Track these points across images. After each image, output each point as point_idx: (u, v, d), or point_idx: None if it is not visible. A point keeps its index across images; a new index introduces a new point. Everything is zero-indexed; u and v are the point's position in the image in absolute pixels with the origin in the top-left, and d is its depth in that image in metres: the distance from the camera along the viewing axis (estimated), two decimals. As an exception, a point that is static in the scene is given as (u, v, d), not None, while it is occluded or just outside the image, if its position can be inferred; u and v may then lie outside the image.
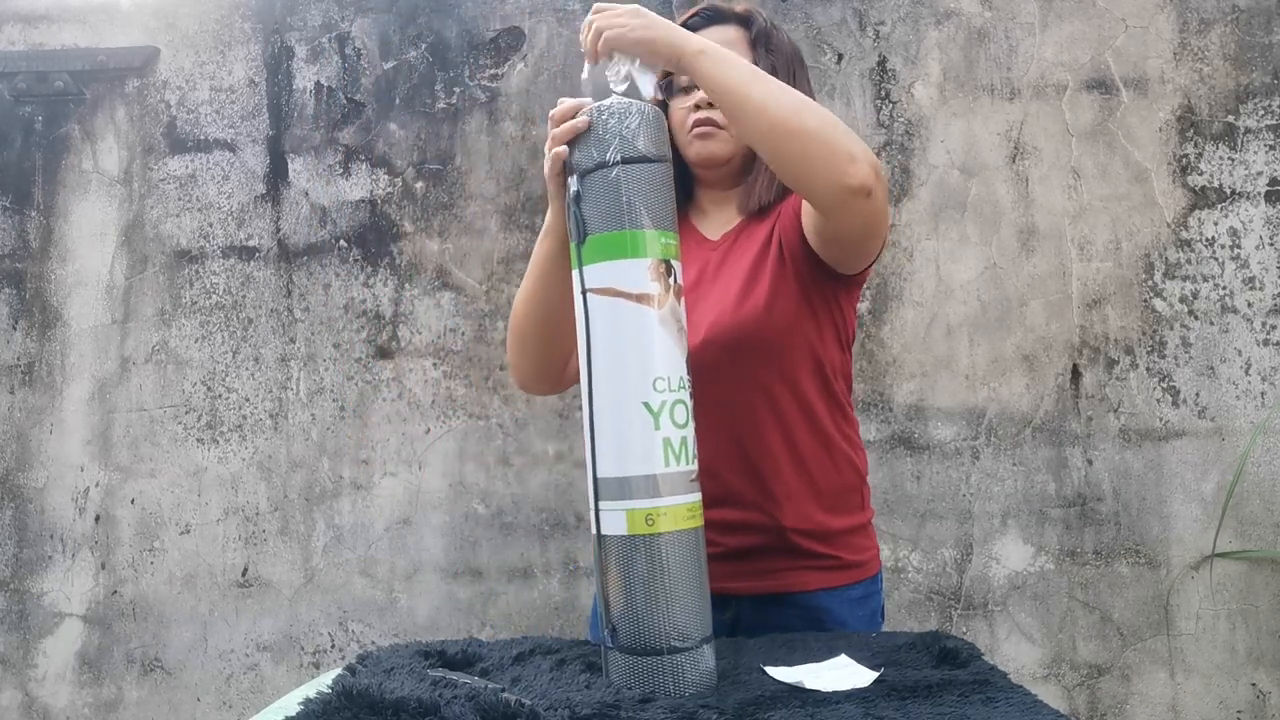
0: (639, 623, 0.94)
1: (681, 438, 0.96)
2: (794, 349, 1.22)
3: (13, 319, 2.42)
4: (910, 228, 2.28)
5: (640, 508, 0.95)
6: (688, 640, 0.94)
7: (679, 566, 0.95)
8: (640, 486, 0.95)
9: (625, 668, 0.95)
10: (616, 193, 0.98)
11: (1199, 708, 2.15)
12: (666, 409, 0.95)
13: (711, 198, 1.34)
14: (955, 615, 2.20)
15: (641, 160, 0.98)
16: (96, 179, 2.45)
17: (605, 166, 0.99)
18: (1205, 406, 2.20)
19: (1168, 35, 2.27)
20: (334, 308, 2.37)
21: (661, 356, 0.96)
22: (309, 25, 2.44)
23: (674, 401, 0.96)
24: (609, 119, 1.01)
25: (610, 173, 0.98)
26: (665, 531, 0.94)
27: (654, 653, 0.93)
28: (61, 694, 2.33)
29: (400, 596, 2.29)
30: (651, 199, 0.98)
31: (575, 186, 1.01)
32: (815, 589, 1.23)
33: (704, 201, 1.34)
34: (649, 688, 0.92)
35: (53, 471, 2.38)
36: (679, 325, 0.98)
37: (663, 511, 0.94)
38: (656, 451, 0.95)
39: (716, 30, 1.28)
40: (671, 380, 0.96)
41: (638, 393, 0.96)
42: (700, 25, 1.30)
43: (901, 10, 2.32)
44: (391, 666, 0.95)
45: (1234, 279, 2.21)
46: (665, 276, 0.97)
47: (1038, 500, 2.21)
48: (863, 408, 2.25)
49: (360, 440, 2.33)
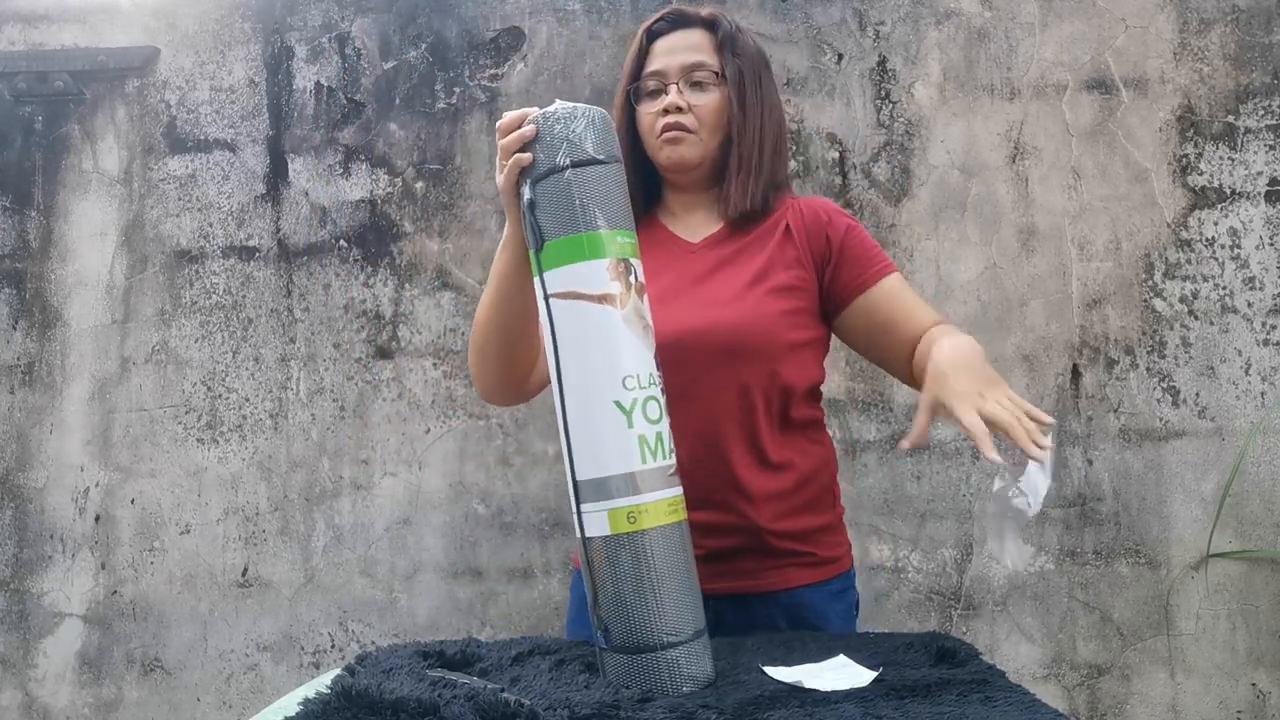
0: (630, 621, 0.94)
1: (656, 433, 0.96)
2: (785, 357, 1.23)
3: (13, 319, 2.42)
4: (910, 228, 2.28)
5: (621, 506, 0.95)
6: (680, 635, 0.94)
7: (665, 562, 0.95)
8: (619, 485, 0.95)
9: (620, 667, 0.95)
10: (569, 196, 0.99)
11: (1199, 708, 2.14)
12: (639, 406, 0.96)
13: (682, 201, 1.33)
14: (955, 615, 2.20)
15: (591, 163, 0.99)
16: (96, 179, 2.45)
17: (556, 171, 0.99)
18: (1205, 406, 2.19)
19: (1168, 35, 2.27)
20: (334, 308, 2.37)
21: (629, 354, 0.97)
22: (309, 25, 2.44)
23: (645, 398, 0.96)
24: (555, 124, 1.01)
25: (561, 177, 0.99)
26: (648, 528, 0.95)
27: (647, 650, 0.94)
28: (61, 694, 2.33)
29: (400, 596, 2.29)
30: (605, 200, 0.99)
31: (529, 194, 1.02)
32: (795, 586, 1.24)
33: (673, 205, 1.34)
34: (645, 685, 0.93)
35: (53, 471, 2.38)
36: (644, 322, 0.99)
37: (644, 508, 0.95)
38: (633, 449, 0.95)
39: (681, 35, 1.28)
40: (641, 377, 0.97)
41: (608, 393, 0.96)
42: (666, 29, 1.29)
43: (901, 10, 2.32)
44: (390, 667, 0.95)
45: (1234, 279, 2.21)
46: (625, 275, 0.98)
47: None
48: (863, 408, 2.25)
49: (360, 440, 2.33)
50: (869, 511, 2.23)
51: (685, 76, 1.26)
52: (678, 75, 1.26)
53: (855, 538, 2.22)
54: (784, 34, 2.33)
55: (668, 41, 1.28)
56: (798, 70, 2.33)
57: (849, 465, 2.24)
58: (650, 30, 1.29)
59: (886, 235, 2.27)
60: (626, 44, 2.37)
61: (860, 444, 2.24)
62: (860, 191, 2.30)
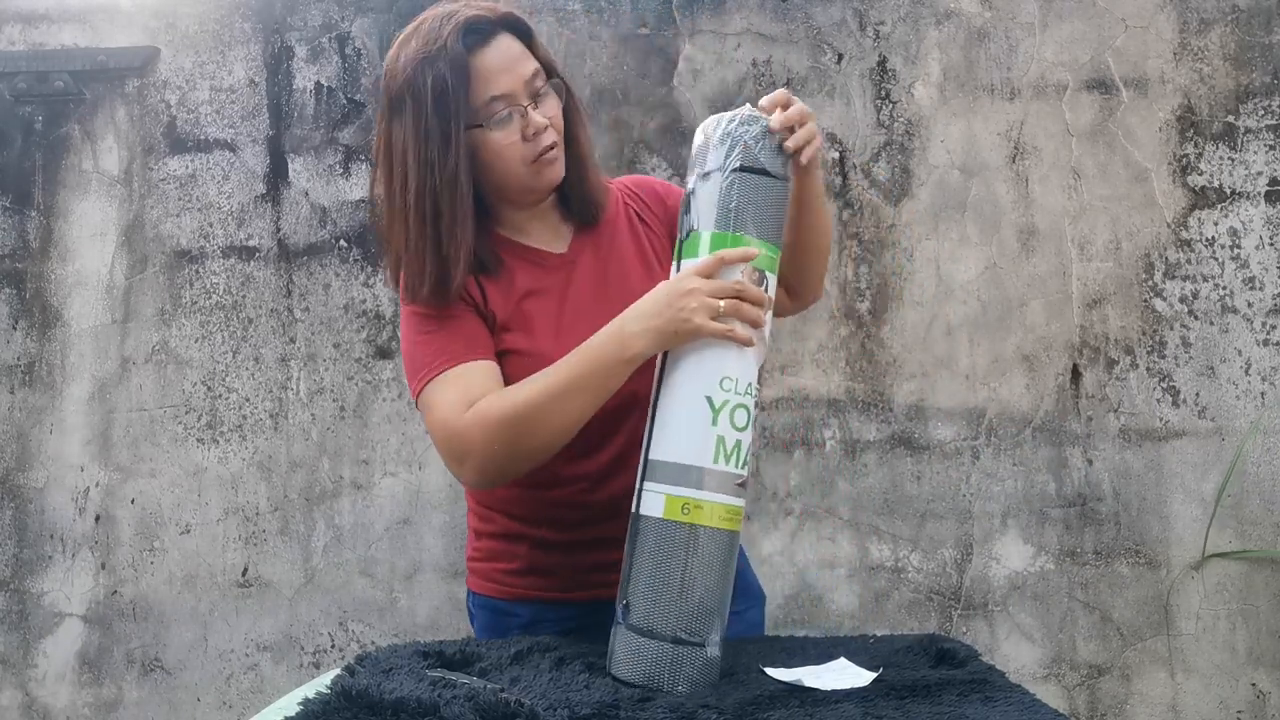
0: (654, 605, 0.96)
1: (736, 440, 0.98)
2: None
3: (13, 319, 2.42)
4: (910, 228, 2.28)
5: (680, 495, 0.97)
6: (694, 637, 0.95)
7: (703, 562, 0.96)
8: (685, 475, 0.97)
9: (627, 646, 0.97)
10: (728, 196, 1.01)
11: (1199, 708, 2.14)
12: (728, 408, 0.98)
13: (522, 216, 1.22)
14: (955, 615, 2.20)
15: (758, 171, 1.02)
16: (96, 179, 2.45)
17: (721, 171, 1.02)
18: (1205, 406, 2.19)
19: (1168, 35, 2.27)
20: (334, 308, 2.37)
21: (735, 358, 0.99)
22: (309, 25, 2.44)
23: (736, 404, 0.98)
24: (735, 126, 1.03)
25: (724, 177, 1.02)
26: (699, 524, 0.96)
27: (659, 638, 0.95)
28: (61, 694, 2.33)
29: (400, 596, 2.29)
30: (760, 209, 1.02)
31: (692, 183, 1.05)
32: None
33: (512, 220, 1.22)
34: (644, 672, 0.94)
35: (53, 471, 2.38)
36: (759, 334, 1.01)
37: (701, 505, 0.96)
38: (709, 446, 0.97)
39: (500, 46, 1.13)
40: (739, 383, 0.99)
41: (703, 386, 0.99)
42: (478, 44, 1.12)
43: (901, 10, 2.32)
44: (390, 667, 0.95)
45: (1234, 279, 2.21)
46: (758, 284, 1.01)
47: (1038, 500, 2.21)
48: (863, 408, 2.25)
49: (360, 440, 2.33)
50: (869, 511, 2.23)
51: (530, 91, 1.13)
52: (525, 93, 1.12)
53: (855, 538, 2.23)
54: (784, 34, 2.33)
55: (491, 57, 1.11)
56: (798, 70, 2.33)
57: (849, 465, 2.24)
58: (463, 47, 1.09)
59: (887, 235, 2.28)
60: (627, 44, 2.38)
61: (860, 444, 2.24)
62: (860, 191, 2.29)
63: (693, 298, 0.99)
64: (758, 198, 1.01)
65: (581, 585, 1.21)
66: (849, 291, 2.28)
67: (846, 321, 2.27)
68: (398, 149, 1.12)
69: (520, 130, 1.12)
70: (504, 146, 1.12)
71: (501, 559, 1.25)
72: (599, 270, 1.22)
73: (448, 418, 1.09)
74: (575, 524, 1.21)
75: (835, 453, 2.25)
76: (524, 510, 1.23)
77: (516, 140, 1.12)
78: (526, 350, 1.15)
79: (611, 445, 1.18)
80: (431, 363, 1.12)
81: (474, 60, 1.10)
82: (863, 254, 2.28)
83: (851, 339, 2.27)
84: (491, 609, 1.27)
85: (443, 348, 1.12)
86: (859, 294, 2.28)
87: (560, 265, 1.22)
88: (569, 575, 1.22)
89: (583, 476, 1.18)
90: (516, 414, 1.06)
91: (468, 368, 1.11)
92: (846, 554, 2.23)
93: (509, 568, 1.25)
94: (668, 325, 1.00)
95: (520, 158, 1.13)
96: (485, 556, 1.28)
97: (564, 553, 1.22)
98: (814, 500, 2.24)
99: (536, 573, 1.23)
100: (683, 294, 0.99)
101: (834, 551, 2.23)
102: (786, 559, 2.23)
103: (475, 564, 1.30)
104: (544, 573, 1.23)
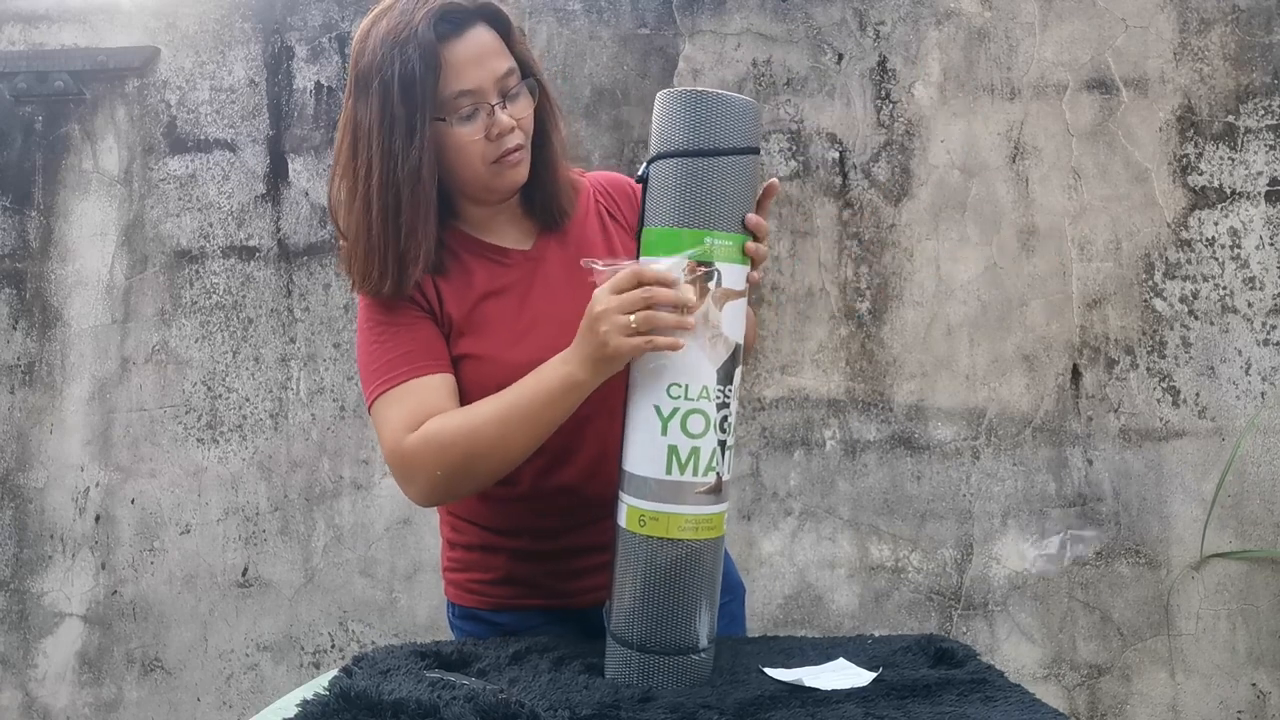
0: (621, 614, 0.97)
1: (692, 448, 0.94)
2: None
3: (13, 319, 2.42)
4: (910, 228, 2.28)
5: (637, 506, 0.96)
6: (652, 644, 0.95)
7: (661, 573, 0.95)
8: (641, 486, 0.96)
9: (609, 651, 0.99)
10: (667, 185, 0.95)
11: (1199, 708, 2.14)
12: (678, 416, 0.94)
13: (490, 211, 1.19)
14: (955, 615, 2.20)
15: (707, 153, 0.94)
16: (96, 179, 2.45)
17: (664, 157, 0.96)
18: (1205, 406, 2.19)
19: (1168, 35, 2.27)
20: (334, 308, 2.37)
21: (682, 364, 0.94)
22: (309, 25, 2.44)
23: (689, 410, 0.94)
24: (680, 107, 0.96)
25: (668, 163, 0.96)
26: (654, 536, 0.95)
27: (625, 644, 0.97)
28: (61, 694, 2.33)
29: (400, 596, 2.29)
30: (700, 195, 0.94)
31: (644, 169, 1.00)
32: None
33: (474, 216, 1.19)
34: (626, 678, 0.95)
35: (53, 471, 2.38)
36: (713, 331, 0.95)
37: (657, 515, 0.95)
38: (659, 457, 0.95)
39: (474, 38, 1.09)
40: (690, 389, 0.94)
41: (652, 396, 0.96)
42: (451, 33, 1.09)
43: (901, 10, 2.32)
44: (388, 668, 0.95)
45: (1234, 279, 2.21)
46: (703, 280, 0.94)
47: (1038, 500, 2.21)
48: (863, 408, 2.25)
49: (360, 440, 2.33)
50: (869, 511, 2.23)
51: (500, 89, 1.09)
52: (495, 91, 1.08)
53: (855, 538, 2.23)
54: (784, 34, 2.33)
55: (463, 50, 1.06)
56: (798, 70, 2.32)
57: (849, 465, 2.24)
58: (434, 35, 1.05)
59: (887, 235, 2.27)
60: (627, 44, 2.38)
61: (860, 444, 2.24)
62: (860, 191, 2.29)
63: (603, 320, 0.95)
64: (709, 183, 0.94)
65: (562, 594, 1.20)
66: (849, 291, 2.28)
67: (846, 321, 2.27)
68: (362, 132, 1.08)
69: (485, 129, 1.08)
70: (466, 144, 1.09)
71: (477, 569, 1.24)
72: (565, 268, 1.17)
73: (395, 438, 1.07)
74: (554, 533, 1.19)
75: (835, 453, 2.25)
76: (500, 522, 1.20)
77: (480, 139, 1.09)
78: (481, 355, 1.12)
79: (585, 452, 1.15)
80: (382, 375, 1.10)
81: (444, 50, 1.05)
82: (863, 254, 2.28)
83: (851, 339, 2.27)
84: (473, 619, 1.25)
85: (394, 360, 1.10)
86: (859, 294, 2.28)
87: (523, 262, 1.18)
88: (549, 584, 1.20)
89: (562, 487, 1.16)
90: (462, 440, 1.04)
91: (418, 384, 1.09)
92: (846, 554, 2.23)
93: (486, 578, 1.23)
94: (596, 351, 0.97)
95: (481, 156, 1.10)
96: (461, 567, 1.26)
97: (542, 561, 1.20)
98: (814, 500, 2.24)
99: (515, 582, 1.21)
100: (595, 317, 0.96)
101: (834, 551, 2.23)
102: (786, 559, 2.23)
103: (452, 574, 1.28)
104: (523, 582, 1.21)
